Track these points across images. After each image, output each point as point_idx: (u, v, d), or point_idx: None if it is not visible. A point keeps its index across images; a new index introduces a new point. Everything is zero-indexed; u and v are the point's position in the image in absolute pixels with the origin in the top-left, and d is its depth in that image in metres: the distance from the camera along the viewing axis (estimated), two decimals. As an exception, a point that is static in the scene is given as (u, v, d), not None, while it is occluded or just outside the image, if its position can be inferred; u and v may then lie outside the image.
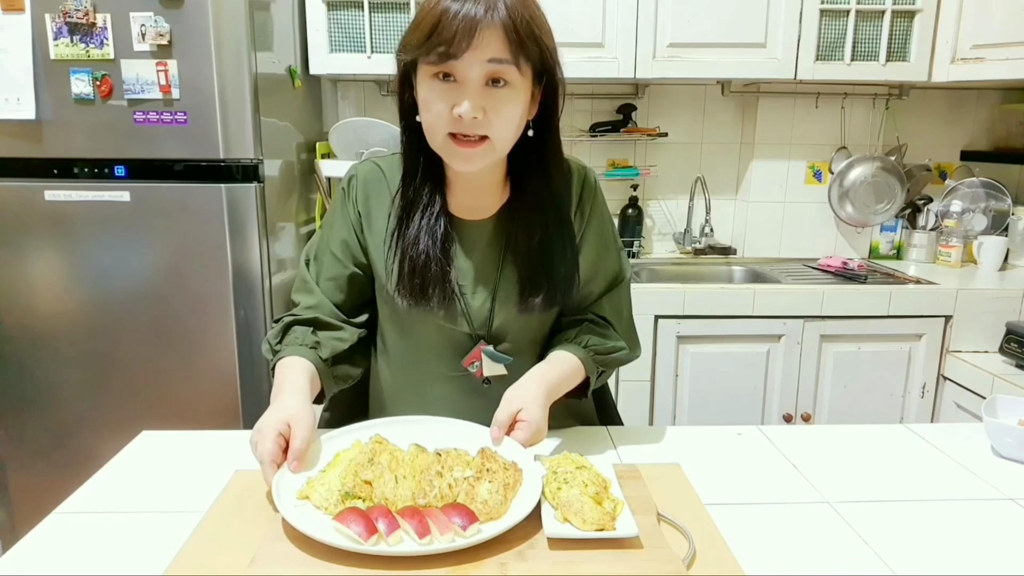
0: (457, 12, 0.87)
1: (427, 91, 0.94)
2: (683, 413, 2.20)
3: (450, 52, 0.88)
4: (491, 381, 1.11)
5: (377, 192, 1.10)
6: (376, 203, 1.09)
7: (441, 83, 0.92)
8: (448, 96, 0.92)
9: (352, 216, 1.10)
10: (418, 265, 1.02)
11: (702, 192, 2.61)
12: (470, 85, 0.91)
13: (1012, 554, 0.83)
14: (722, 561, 0.79)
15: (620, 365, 1.16)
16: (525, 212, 1.05)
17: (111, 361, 1.92)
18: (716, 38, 2.25)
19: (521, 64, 0.91)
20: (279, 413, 0.93)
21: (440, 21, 0.88)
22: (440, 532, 0.79)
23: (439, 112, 0.93)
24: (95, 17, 1.75)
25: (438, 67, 0.91)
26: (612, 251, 1.15)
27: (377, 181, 1.10)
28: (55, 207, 1.85)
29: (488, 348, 1.09)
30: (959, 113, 2.67)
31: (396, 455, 0.91)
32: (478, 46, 0.88)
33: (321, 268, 1.12)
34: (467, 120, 0.92)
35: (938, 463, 1.07)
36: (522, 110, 0.96)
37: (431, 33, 0.88)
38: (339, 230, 1.11)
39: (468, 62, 0.89)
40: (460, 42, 0.88)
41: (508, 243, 1.06)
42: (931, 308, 2.15)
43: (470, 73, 0.90)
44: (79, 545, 0.83)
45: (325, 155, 2.34)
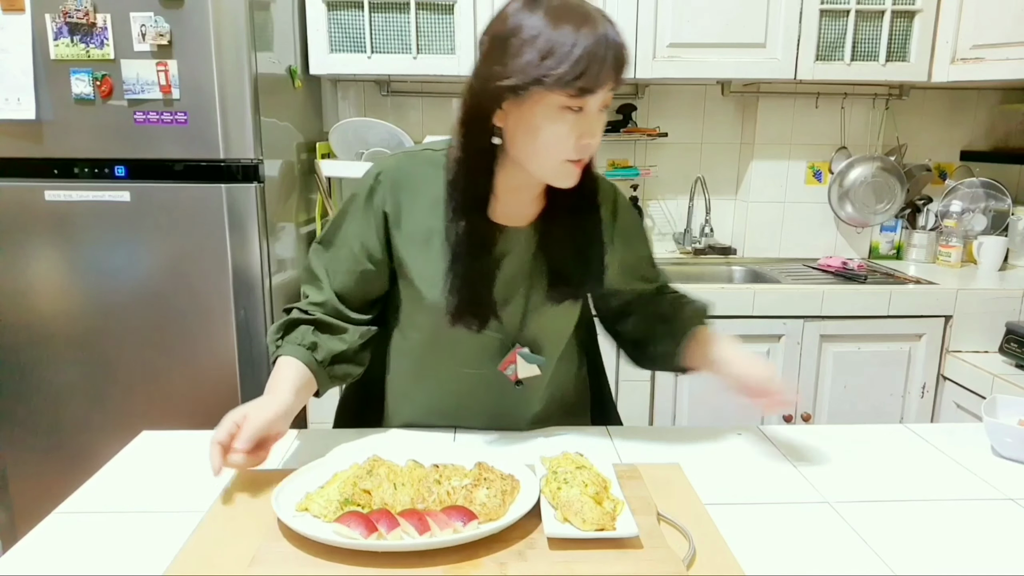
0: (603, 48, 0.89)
1: (552, 120, 0.93)
2: (683, 413, 2.20)
3: (594, 86, 0.91)
4: (523, 382, 1.13)
5: (409, 190, 1.08)
6: (407, 202, 1.08)
7: (572, 113, 0.93)
8: (576, 126, 0.94)
9: (376, 215, 1.08)
10: (467, 278, 1.03)
11: (702, 192, 2.61)
12: (592, 116, 0.94)
13: (1012, 554, 0.83)
14: (722, 561, 0.79)
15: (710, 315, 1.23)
16: (563, 221, 1.07)
17: (111, 361, 1.92)
18: (716, 38, 2.25)
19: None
20: (246, 407, 0.98)
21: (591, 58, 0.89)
22: (440, 529, 0.79)
23: (564, 140, 0.94)
24: (95, 17, 1.75)
25: (576, 101, 0.91)
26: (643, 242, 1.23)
27: (407, 179, 1.08)
28: (55, 207, 1.85)
29: (524, 351, 1.10)
30: (959, 113, 2.67)
31: (394, 468, 0.91)
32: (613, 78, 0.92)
33: (335, 260, 1.11)
34: (591, 146, 0.96)
35: (938, 463, 1.07)
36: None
37: (582, 71, 0.89)
38: (359, 226, 1.09)
39: (599, 94, 0.92)
40: (606, 78, 0.91)
41: (542, 245, 1.08)
42: (931, 308, 2.15)
43: (593, 105, 0.93)
44: (79, 545, 0.83)
45: (325, 155, 2.34)
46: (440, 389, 1.16)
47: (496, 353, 1.11)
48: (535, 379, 1.13)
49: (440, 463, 0.94)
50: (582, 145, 0.95)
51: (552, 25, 0.90)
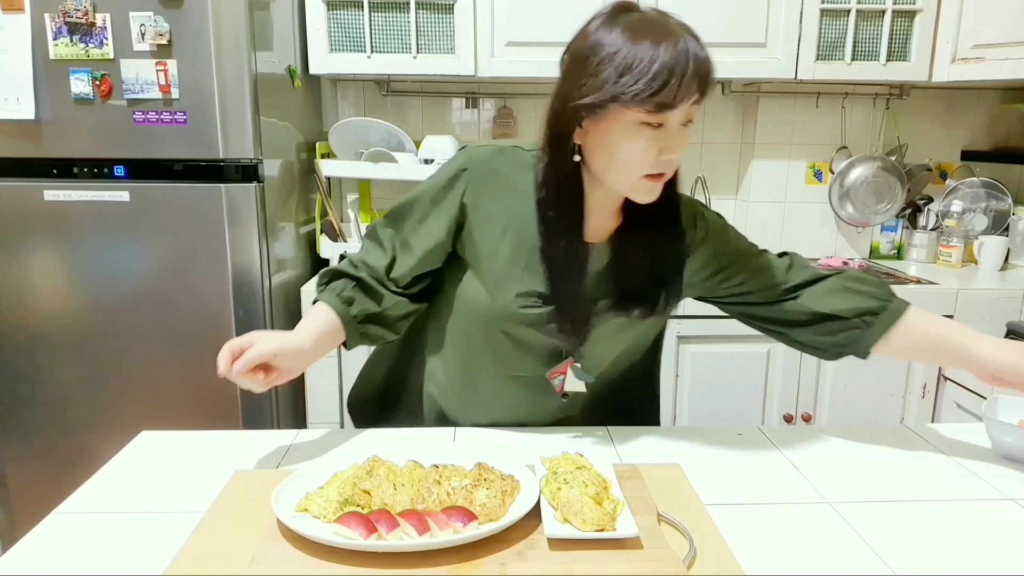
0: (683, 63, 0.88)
1: (630, 136, 0.93)
2: (683, 413, 2.20)
3: (673, 102, 0.90)
4: (568, 396, 1.13)
5: (494, 187, 1.07)
6: (489, 198, 1.06)
7: (651, 129, 0.92)
8: (655, 141, 0.93)
9: (454, 203, 1.07)
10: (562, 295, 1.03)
11: (702, 192, 2.61)
12: (675, 129, 0.93)
13: (1012, 554, 0.83)
14: (722, 561, 0.79)
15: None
16: (638, 230, 1.06)
17: (111, 361, 1.92)
18: (716, 38, 2.24)
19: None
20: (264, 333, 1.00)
21: (671, 73, 0.88)
22: (440, 529, 0.79)
23: (643, 155, 0.94)
24: (95, 17, 1.74)
25: (654, 117, 0.91)
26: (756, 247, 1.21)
27: (494, 175, 1.07)
28: (55, 207, 1.85)
29: (577, 366, 1.10)
30: (959, 113, 2.67)
31: (393, 468, 0.91)
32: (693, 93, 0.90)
33: (400, 233, 1.10)
34: (672, 161, 0.95)
35: (938, 463, 1.07)
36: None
37: (660, 86, 0.88)
38: (434, 209, 1.08)
39: (681, 109, 0.91)
40: (685, 94, 0.89)
41: (615, 262, 1.07)
42: (932, 308, 2.11)
43: (674, 121, 0.92)
44: (79, 545, 0.83)
45: (325, 155, 2.34)
46: (487, 389, 1.15)
47: (548, 360, 1.10)
48: (579, 395, 1.13)
49: (440, 463, 0.94)
50: (662, 160, 0.94)
51: (631, 41, 0.90)
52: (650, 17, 0.93)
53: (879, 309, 1.12)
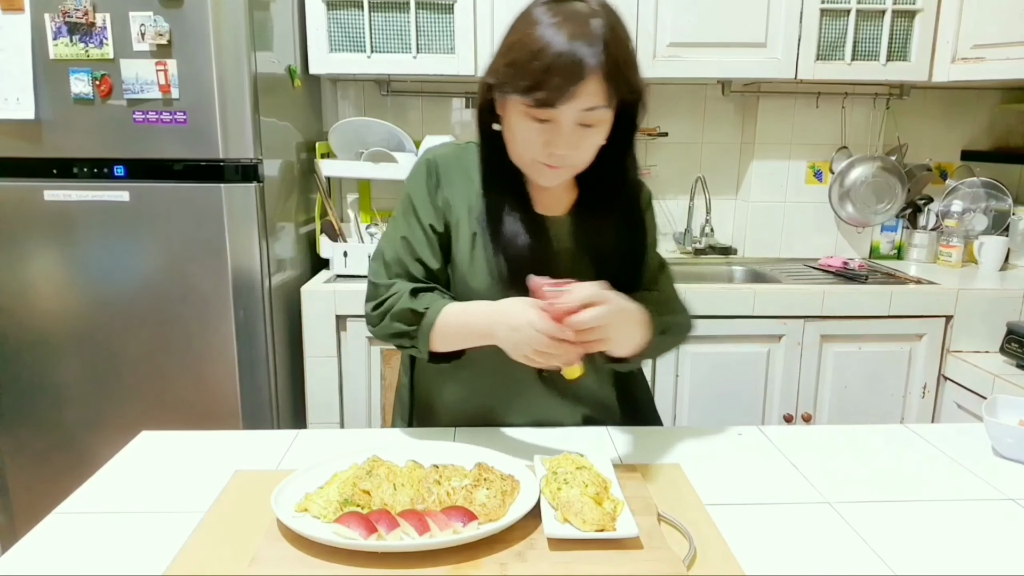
0: (564, 64, 0.88)
1: (518, 124, 0.96)
2: (683, 413, 2.20)
3: (549, 101, 0.90)
4: (544, 374, 1.13)
5: (454, 169, 1.11)
6: (454, 182, 1.11)
7: (535, 122, 0.94)
8: (541, 134, 0.95)
9: (436, 198, 1.10)
10: (524, 262, 1.03)
11: (702, 192, 2.61)
12: (563, 128, 0.94)
13: (1012, 554, 0.83)
14: (722, 561, 0.79)
15: (681, 329, 1.16)
16: (600, 214, 1.08)
17: (111, 361, 1.92)
18: (716, 38, 2.24)
19: (612, 102, 0.94)
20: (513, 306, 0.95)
21: (548, 70, 0.89)
22: (440, 529, 0.79)
23: (531, 144, 0.96)
24: (94, 17, 1.74)
25: (535, 112, 0.93)
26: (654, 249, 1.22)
27: (454, 165, 1.11)
28: (55, 207, 1.85)
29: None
30: (959, 113, 2.66)
31: (393, 468, 0.91)
32: (579, 96, 0.90)
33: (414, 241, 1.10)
34: (557, 157, 0.95)
35: (938, 463, 1.07)
36: (606, 132, 0.99)
37: (537, 82, 0.89)
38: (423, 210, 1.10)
39: (565, 111, 0.92)
40: (562, 94, 0.90)
41: (585, 243, 1.09)
42: (932, 308, 2.15)
43: (564, 119, 0.93)
44: (79, 545, 0.83)
45: (325, 155, 2.33)
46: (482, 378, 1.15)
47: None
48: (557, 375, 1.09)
49: (440, 463, 0.94)
50: (549, 153, 0.96)
51: (535, 31, 0.91)
52: (572, 9, 0.92)
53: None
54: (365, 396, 2.13)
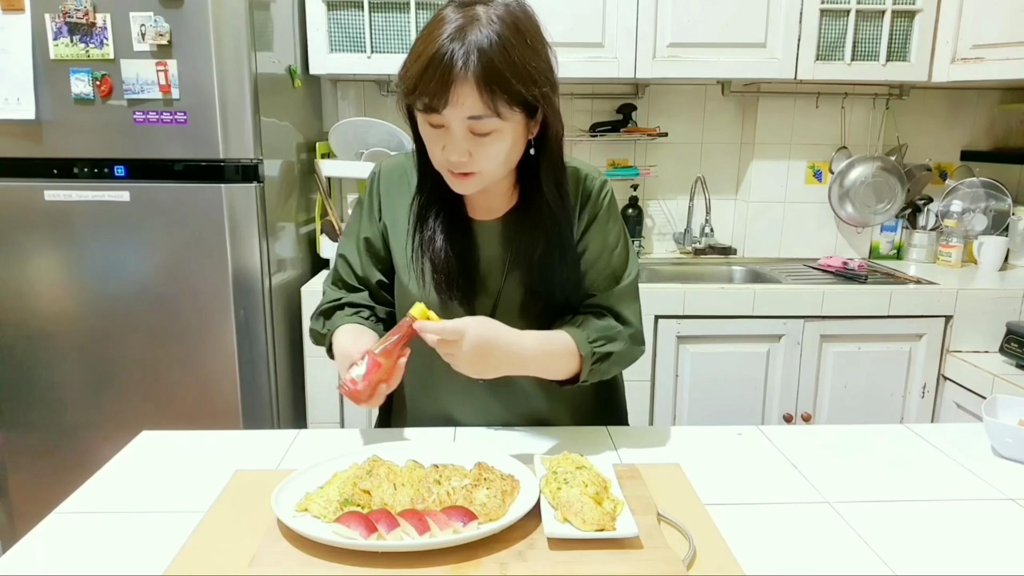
0: (434, 67, 0.88)
1: (421, 127, 0.98)
2: (683, 413, 2.20)
3: (431, 105, 0.91)
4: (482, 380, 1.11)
5: (399, 186, 1.14)
6: (398, 196, 1.13)
7: (431, 127, 0.95)
8: (438, 139, 0.95)
9: (375, 211, 1.15)
10: (439, 264, 1.06)
11: (702, 192, 2.61)
12: (455, 134, 0.93)
13: (1012, 554, 0.83)
14: (722, 561, 0.79)
15: (621, 358, 1.10)
16: (528, 227, 1.07)
17: (111, 361, 1.92)
18: (716, 38, 2.24)
19: (502, 111, 0.91)
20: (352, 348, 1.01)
21: (423, 73, 0.89)
22: (440, 529, 0.79)
23: (431, 150, 0.98)
24: (95, 17, 1.74)
25: (424, 116, 0.94)
26: (612, 246, 1.12)
27: (400, 176, 1.14)
28: (55, 207, 1.85)
29: None
30: (959, 113, 2.67)
31: (393, 468, 0.91)
32: (455, 103, 0.90)
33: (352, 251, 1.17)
34: (454, 163, 0.95)
35: (938, 463, 1.07)
36: (512, 143, 0.97)
37: (415, 85, 0.90)
38: (364, 226, 1.16)
39: (449, 116, 0.91)
40: (438, 98, 0.89)
41: (513, 253, 1.08)
42: (931, 308, 2.15)
43: (454, 125, 0.93)
44: (79, 545, 0.83)
45: (325, 155, 2.34)
46: (429, 382, 1.16)
47: None
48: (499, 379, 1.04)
49: (440, 463, 0.94)
50: (446, 159, 0.95)
51: (425, 32, 0.91)
52: (471, 13, 0.90)
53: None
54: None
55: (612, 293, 1.12)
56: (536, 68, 0.93)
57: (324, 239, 2.29)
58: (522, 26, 0.93)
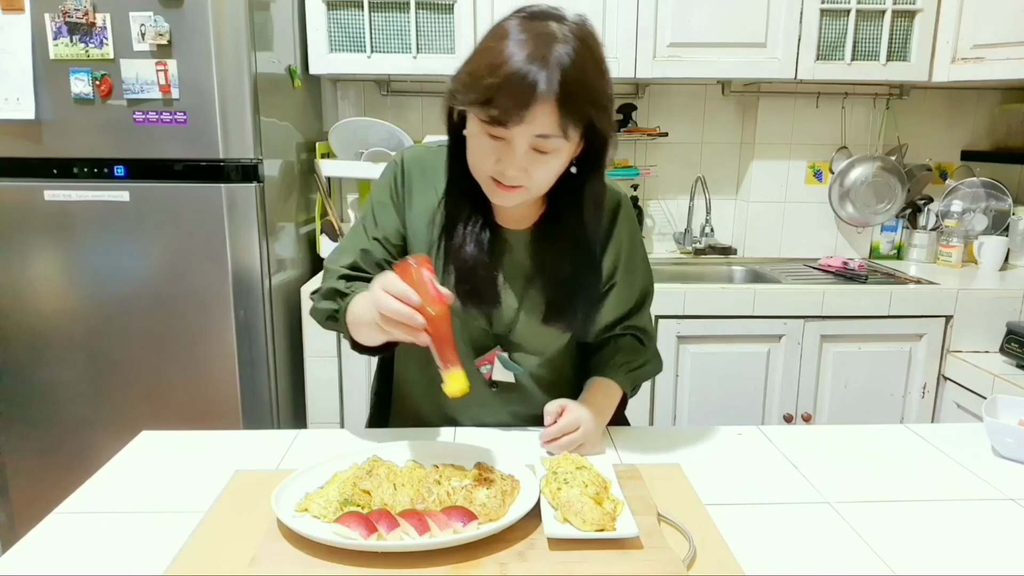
0: (515, 84, 0.86)
1: (474, 137, 0.95)
2: (683, 413, 2.20)
3: (501, 120, 0.88)
4: (497, 386, 1.13)
5: (421, 182, 1.10)
6: (419, 188, 1.10)
7: (489, 139, 0.92)
8: (493, 150, 0.93)
9: (399, 203, 1.11)
10: (465, 271, 1.04)
11: (702, 192, 2.61)
12: (516, 150, 0.92)
13: (1012, 554, 0.83)
14: (722, 561, 0.79)
15: (649, 375, 1.22)
16: (560, 243, 1.06)
17: (111, 361, 1.92)
18: (716, 38, 2.24)
19: (570, 132, 0.91)
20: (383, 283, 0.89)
21: (501, 88, 0.86)
22: (440, 529, 0.79)
23: (483, 159, 0.95)
24: (95, 17, 1.74)
25: (488, 128, 0.91)
26: (641, 270, 1.18)
27: (422, 170, 1.11)
28: (55, 207, 1.85)
29: (503, 355, 1.11)
30: (959, 113, 2.66)
31: (393, 468, 0.91)
32: (530, 121, 0.88)
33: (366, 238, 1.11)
34: (508, 177, 0.94)
35: (938, 463, 1.07)
36: (564, 162, 0.97)
37: (488, 99, 0.88)
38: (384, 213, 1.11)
39: (516, 132, 0.90)
40: (512, 115, 0.87)
41: (540, 264, 1.08)
42: (931, 308, 2.15)
43: (518, 141, 0.91)
44: (79, 545, 0.83)
45: (325, 155, 2.34)
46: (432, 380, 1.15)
47: (479, 348, 1.11)
48: (510, 385, 1.13)
49: (440, 463, 0.94)
50: (499, 171, 0.94)
51: (502, 43, 0.89)
52: (542, 29, 0.89)
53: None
54: (365, 396, 2.13)
55: (641, 315, 1.20)
56: (605, 92, 0.94)
57: (324, 239, 2.29)
58: (594, 47, 0.93)
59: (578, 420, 1.03)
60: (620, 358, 1.17)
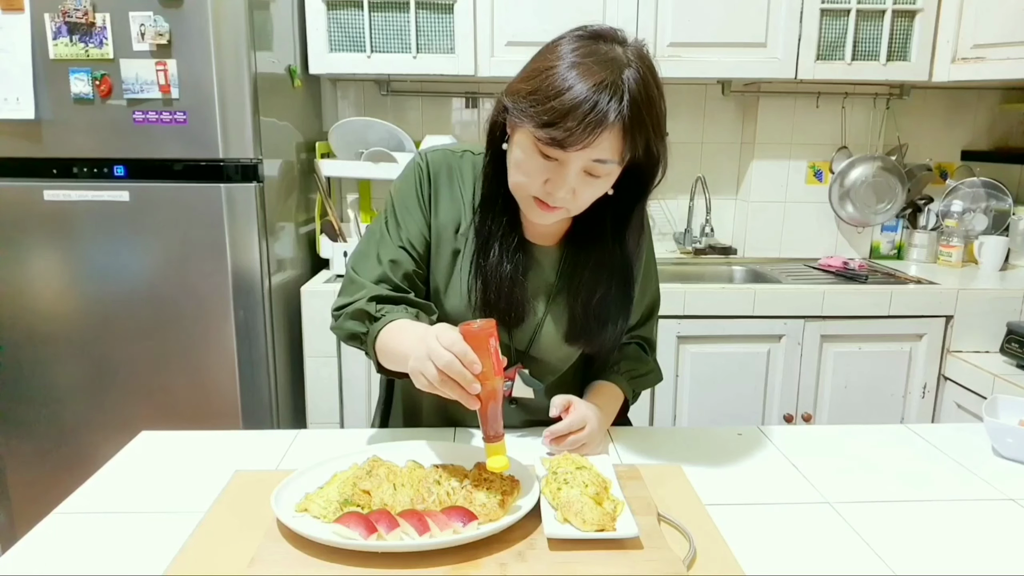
0: (586, 111, 0.84)
1: (524, 154, 0.93)
2: (683, 413, 2.20)
3: (563, 144, 0.87)
4: (517, 402, 1.13)
5: (448, 186, 1.08)
6: (445, 192, 1.08)
7: (541, 158, 0.91)
8: (543, 171, 0.92)
9: (425, 198, 1.08)
10: (504, 291, 1.03)
11: (702, 192, 2.61)
12: (569, 173, 0.91)
13: (1012, 554, 0.83)
14: (722, 561, 0.79)
15: (650, 383, 1.24)
16: (593, 264, 1.05)
17: (111, 361, 1.92)
18: (716, 38, 2.24)
19: (625, 158, 0.91)
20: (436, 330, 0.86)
21: (570, 113, 0.85)
22: (440, 530, 0.79)
23: (530, 176, 0.93)
24: (94, 17, 1.74)
25: (546, 148, 0.89)
26: (653, 282, 1.20)
27: (448, 175, 1.08)
28: (55, 207, 1.85)
29: (524, 372, 1.11)
30: (959, 113, 2.66)
31: (393, 469, 0.91)
32: (593, 147, 0.87)
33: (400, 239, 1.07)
34: (556, 198, 0.93)
35: (939, 463, 1.07)
36: (610, 184, 0.96)
37: (554, 122, 0.86)
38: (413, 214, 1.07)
39: (575, 157, 0.89)
40: (578, 140, 0.86)
41: (569, 283, 1.07)
42: (932, 308, 2.15)
43: (572, 164, 0.90)
44: (79, 545, 0.83)
45: (325, 155, 2.33)
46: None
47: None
48: (529, 403, 1.13)
49: (440, 463, 0.94)
50: (547, 192, 0.93)
51: (566, 64, 0.87)
52: (607, 53, 0.88)
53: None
54: (365, 396, 2.13)
55: (648, 326, 1.22)
56: (664, 117, 0.93)
57: (324, 239, 2.29)
58: (655, 72, 0.92)
59: (584, 419, 1.03)
60: (625, 365, 1.17)
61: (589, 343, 1.09)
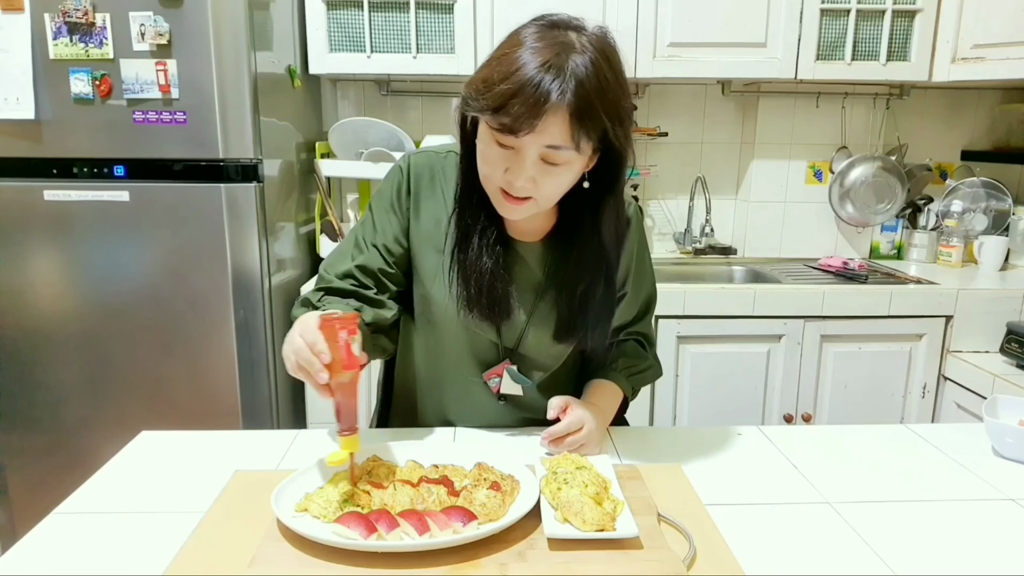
0: (527, 92, 0.84)
1: (485, 146, 0.93)
2: (683, 413, 2.20)
3: (512, 128, 0.87)
4: (506, 399, 1.13)
5: (430, 188, 1.08)
6: (427, 195, 1.08)
7: (498, 147, 0.91)
8: (503, 160, 0.92)
9: (403, 203, 1.08)
10: (484, 285, 1.02)
11: (702, 192, 2.61)
12: (525, 160, 0.90)
13: (1012, 554, 0.83)
14: (722, 561, 0.79)
15: (649, 379, 1.22)
16: (575, 258, 1.04)
17: (111, 361, 1.92)
18: (716, 38, 2.24)
19: (582, 145, 0.90)
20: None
21: (514, 96, 0.85)
22: (440, 530, 0.79)
23: (492, 168, 0.93)
24: (94, 17, 1.74)
25: (499, 136, 0.89)
26: (648, 277, 1.20)
27: (430, 177, 1.08)
28: (55, 207, 1.85)
29: (512, 368, 1.10)
30: (959, 113, 2.66)
31: (393, 469, 0.91)
32: (541, 131, 0.87)
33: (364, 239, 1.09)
34: (516, 188, 0.92)
35: (939, 463, 1.07)
36: (575, 176, 0.95)
37: (500, 106, 0.86)
38: (386, 218, 1.09)
39: (526, 142, 0.88)
40: (523, 123, 0.86)
41: (553, 278, 1.06)
42: (932, 308, 2.15)
43: (527, 151, 0.90)
44: (79, 545, 0.83)
45: (325, 155, 2.33)
46: (439, 391, 1.16)
47: (488, 361, 1.11)
48: (518, 400, 1.13)
49: (440, 463, 0.94)
50: (507, 181, 0.92)
51: (517, 50, 0.87)
52: (560, 38, 0.88)
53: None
54: (365, 396, 2.13)
55: (645, 321, 1.21)
56: (623, 106, 0.92)
57: (324, 239, 2.29)
58: (614, 60, 0.91)
59: (582, 420, 1.03)
60: (623, 362, 1.17)
61: (578, 340, 1.09)
